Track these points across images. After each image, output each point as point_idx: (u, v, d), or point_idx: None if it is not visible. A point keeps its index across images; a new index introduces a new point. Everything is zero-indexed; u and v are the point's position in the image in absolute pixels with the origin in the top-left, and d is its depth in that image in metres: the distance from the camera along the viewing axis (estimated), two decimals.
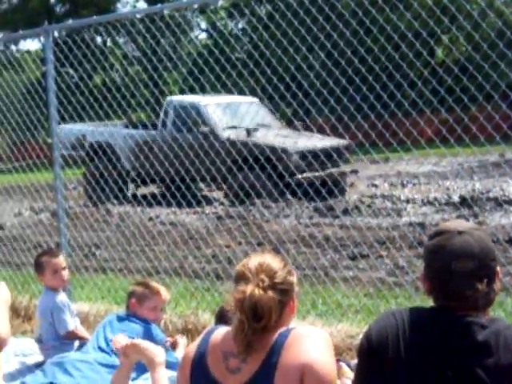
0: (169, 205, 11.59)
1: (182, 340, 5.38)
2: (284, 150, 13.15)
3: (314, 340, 2.78)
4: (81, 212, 12.13)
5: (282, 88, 7.17)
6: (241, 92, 14.91)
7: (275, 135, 14.31)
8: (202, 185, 15.72)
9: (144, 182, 15.31)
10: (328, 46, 6.46)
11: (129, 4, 50.17)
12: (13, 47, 42.81)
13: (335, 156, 12.38)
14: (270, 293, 2.78)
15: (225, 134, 14.53)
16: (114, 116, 9.48)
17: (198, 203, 12.24)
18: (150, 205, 12.29)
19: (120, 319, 5.28)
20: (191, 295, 7.24)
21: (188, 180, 9.99)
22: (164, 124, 15.49)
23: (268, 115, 15.93)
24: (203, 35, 43.26)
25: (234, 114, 15.56)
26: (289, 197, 12.76)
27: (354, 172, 15.37)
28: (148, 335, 5.03)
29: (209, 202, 14.25)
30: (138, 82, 11.85)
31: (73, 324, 5.68)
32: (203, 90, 8.48)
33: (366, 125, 6.78)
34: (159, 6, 7.06)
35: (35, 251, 8.52)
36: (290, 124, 15.41)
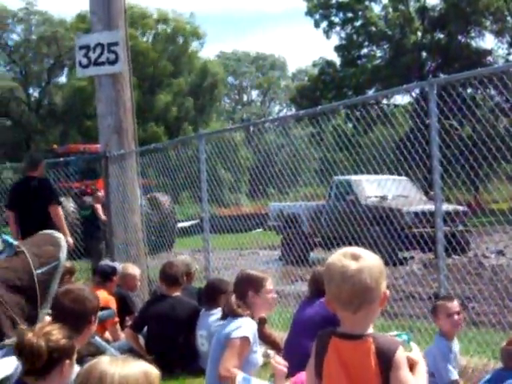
0: None
1: None
2: (398, 211, 17.09)
3: None
4: (453, 264, 12.16)
5: None
6: None
7: (403, 201, 18.07)
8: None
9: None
10: None
11: (499, 57, 49.68)
12: (384, 101, 44.28)
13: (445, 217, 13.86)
14: None
15: (364, 201, 17.99)
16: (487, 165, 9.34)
17: None
18: None
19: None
20: None
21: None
22: (329, 197, 19.48)
23: (412, 189, 18.35)
24: None
25: (378, 187, 19.21)
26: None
27: (469, 232, 15.92)
28: None
29: None
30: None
31: (455, 374, 5.71)
32: None
33: None
34: None
35: (407, 301, 8.67)
36: None
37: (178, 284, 8.04)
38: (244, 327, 5.59)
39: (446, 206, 15.54)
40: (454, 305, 5.92)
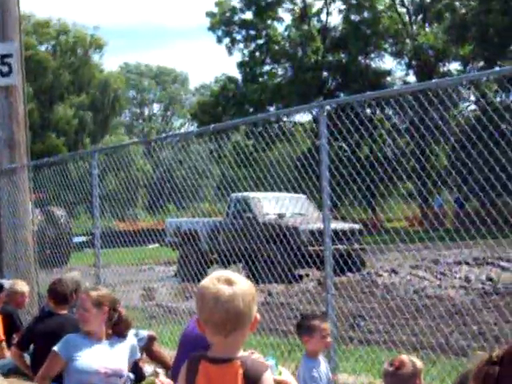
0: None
1: None
2: (295, 228, 17.26)
3: None
4: (341, 282, 12.31)
5: None
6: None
7: (300, 219, 17.97)
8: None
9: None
10: None
11: (397, 78, 50.88)
12: (285, 119, 44.69)
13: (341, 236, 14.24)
14: None
15: (262, 219, 18.15)
16: (382, 185, 9.51)
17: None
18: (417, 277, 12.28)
19: None
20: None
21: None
22: (227, 214, 19.45)
23: (310, 207, 18.43)
24: (472, 107, 42.88)
25: (276, 204, 19.22)
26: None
27: (363, 250, 16.72)
28: None
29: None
30: (407, 153, 11.94)
31: None
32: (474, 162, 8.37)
33: None
34: (430, 82, 7.08)
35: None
36: None
37: (66, 302, 7.88)
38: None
39: (341, 225, 15.83)
40: (328, 326, 5.87)
